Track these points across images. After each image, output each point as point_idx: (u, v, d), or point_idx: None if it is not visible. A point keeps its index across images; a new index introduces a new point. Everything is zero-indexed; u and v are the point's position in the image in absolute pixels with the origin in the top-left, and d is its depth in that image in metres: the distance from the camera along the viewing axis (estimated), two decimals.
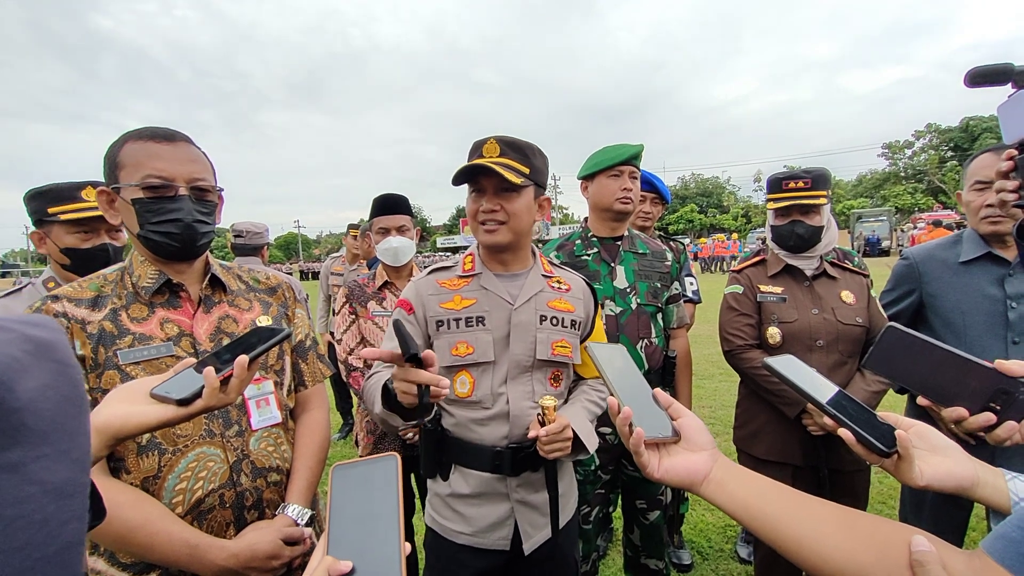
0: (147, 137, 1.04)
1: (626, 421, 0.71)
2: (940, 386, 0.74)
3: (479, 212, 1.26)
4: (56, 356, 0.32)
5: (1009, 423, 0.68)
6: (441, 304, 1.27)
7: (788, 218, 1.79)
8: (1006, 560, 0.51)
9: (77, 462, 0.31)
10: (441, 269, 1.36)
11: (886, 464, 0.70)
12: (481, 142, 1.26)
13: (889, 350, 0.79)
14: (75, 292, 1.04)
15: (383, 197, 2.28)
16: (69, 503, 0.30)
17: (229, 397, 0.80)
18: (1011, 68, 0.99)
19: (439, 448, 1.27)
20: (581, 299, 1.38)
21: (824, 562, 0.60)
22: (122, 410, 0.72)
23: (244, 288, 1.24)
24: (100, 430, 0.70)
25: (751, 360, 1.81)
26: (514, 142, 1.25)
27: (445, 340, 1.26)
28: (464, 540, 1.24)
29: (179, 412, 0.74)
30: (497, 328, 1.26)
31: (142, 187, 1.01)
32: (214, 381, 0.77)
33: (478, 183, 1.25)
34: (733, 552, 2.61)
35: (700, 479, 0.69)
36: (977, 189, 1.63)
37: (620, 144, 1.86)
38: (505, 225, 1.24)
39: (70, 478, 0.30)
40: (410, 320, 1.27)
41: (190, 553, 0.96)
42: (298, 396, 1.27)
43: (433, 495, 1.31)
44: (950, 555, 0.56)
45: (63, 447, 0.30)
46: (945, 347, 0.74)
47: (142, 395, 0.75)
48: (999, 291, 1.59)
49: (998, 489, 0.67)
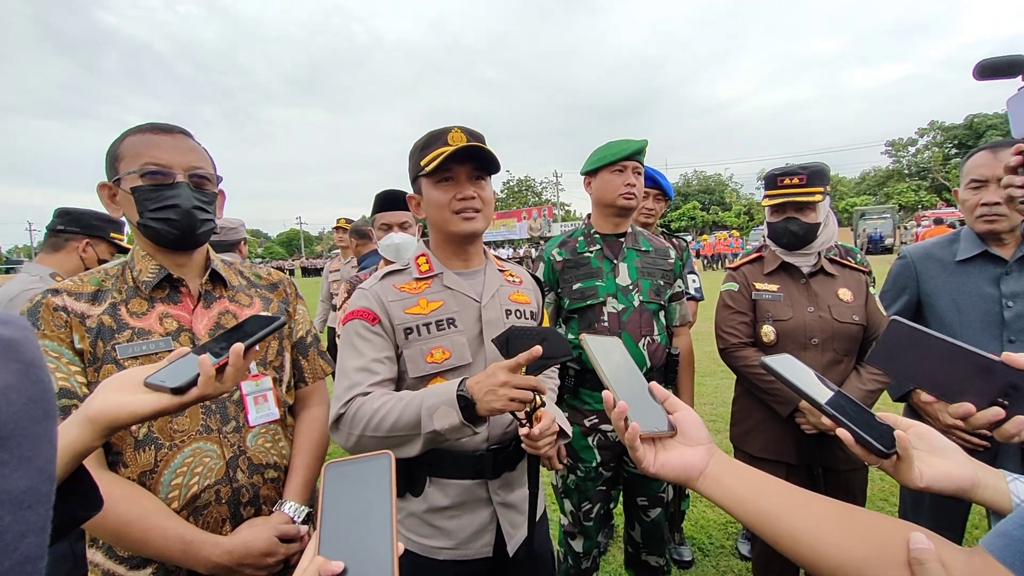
0: (147, 130, 1.06)
1: (622, 415, 0.70)
2: (946, 381, 0.72)
3: (453, 200, 1.19)
4: (22, 356, 0.30)
5: (1018, 418, 0.66)
6: (406, 310, 1.20)
7: (783, 215, 1.77)
8: (1006, 558, 0.50)
9: (40, 471, 0.29)
10: (393, 273, 1.27)
11: (885, 465, 0.69)
12: (443, 131, 1.20)
13: (893, 345, 0.76)
14: (76, 286, 1.04)
15: (385, 193, 2.29)
16: (27, 515, 0.27)
17: (225, 386, 0.79)
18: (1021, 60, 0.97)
19: (410, 464, 1.16)
20: (532, 290, 1.40)
21: (820, 558, 0.59)
22: (115, 399, 0.71)
23: (245, 284, 1.23)
24: (93, 419, 0.69)
25: (745, 358, 1.80)
26: (474, 131, 1.22)
27: (417, 348, 1.17)
28: (446, 555, 1.18)
29: (174, 401, 0.73)
30: (469, 328, 1.22)
31: (140, 174, 1.02)
32: (209, 369, 0.75)
33: (449, 170, 1.19)
34: (734, 549, 2.61)
35: (696, 474, 0.68)
36: (973, 187, 1.62)
37: (624, 139, 1.85)
38: (480, 212, 1.22)
39: (30, 487, 0.28)
40: (376, 331, 1.17)
41: (184, 549, 0.95)
42: (298, 393, 1.27)
43: (406, 514, 1.21)
44: (949, 553, 0.55)
45: (24, 454, 0.28)
46: (951, 341, 0.72)
47: (136, 384, 0.73)
48: (995, 290, 1.57)
49: (999, 491, 0.66)
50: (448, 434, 1.02)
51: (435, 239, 1.31)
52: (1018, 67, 0.97)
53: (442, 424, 1.01)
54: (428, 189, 1.23)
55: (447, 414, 1.01)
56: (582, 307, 1.80)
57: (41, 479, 0.29)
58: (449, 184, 1.20)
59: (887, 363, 0.77)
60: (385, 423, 1.05)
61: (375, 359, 1.15)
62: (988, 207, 1.56)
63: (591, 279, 1.82)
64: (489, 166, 1.22)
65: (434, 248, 1.31)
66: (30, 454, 0.28)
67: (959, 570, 0.54)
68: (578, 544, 1.91)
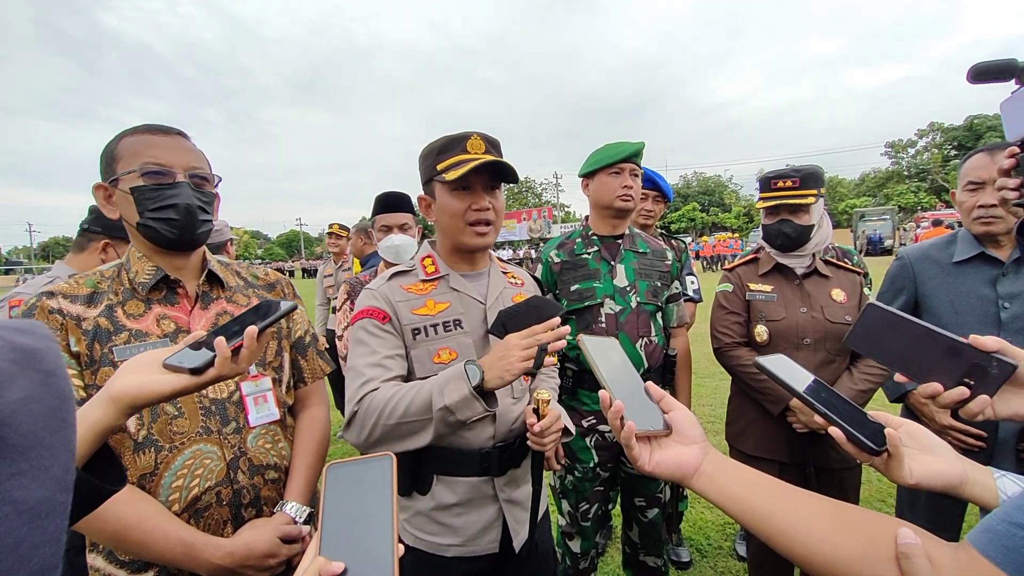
0: (143, 131, 1.05)
1: (617, 414, 0.71)
2: (917, 362, 0.75)
3: (469, 211, 1.19)
4: (43, 366, 0.30)
5: (982, 397, 0.69)
6: (414, 310, 1.21)
7: (777, 217, 1.80)
8: (990, 553, 0.51)
9: (57, 480, 0.29)
10: (401, 274, 1.28)
11: (876, 463, 0.70)
12: (462, 137, 1.20)
13: (869, 327, 0.80)
14: (71, 288, 1.03)
15: (385, 195, 2.29)
16: (44, 524, 0.27)
17: (240, 367, 0.81)
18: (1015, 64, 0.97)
19: (418, 462, 1.19)
20: (533, 292, 1.42)
21: (812, 554, 0.60)
22: (137, 379, 0.73)
23: (243, 284, 1.24)
24: (116, 399, 0.72)
25: (738, 358, 1.84)
26: (493, 139, 1.23)
27: (424, 348, 1.19)
28: (454, 552, 1.20)
29: (192, 380, 0.76)
30: (474, 329, 1.24)
31: (140, 174, 1.01)
32: (225, 350, 0.78)
33: (466, 180, 1.17)
34: (732, 550, 2.61)
35: (691, 472, 0.69)
36: (970, 190, 1.63)
37: (621, 141, 1.86)
38: (492, 225, 1.23)
39: (47, 497, 0.28)
40: (387, 329, 1.18)
41: (186, 551, 0.95)
42: (297, 393, 1.27)
43: (413, 513, 1.22)
44: (936, 548, 0.56)
45: (42, 463, 0.28)
46: (922, 323, 0.75)
47: (155, 365, 0.76)
48: (991, 291, 1.58)
49: (986, 487, 0.68)
50: (458, 410, 1.02)
51: (443, 243, 1.32)
52: (1011, 71, 0.98)
53: (451, 398, 1.01)
54: (443, 195, 1.22)
55: (456, 387, 1.02)
56: (580, 308, 1.81)
57: (58, 489, 0.29)
58: (466, 193, 1.20)
59: (863, 344, 0.81)
60: (397, 411, 1.06)
61: (387, 356, 1.17)
62: (985, 209, 1.57)
63: (589, 280, 1.83)
64: (507, 177, 1.22)
65: (440, 250, 1.32)
66: (48, 464, 0.28)
67: (946, 565, 0.55)
68: (576, 545, 1.92)
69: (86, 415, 0.70)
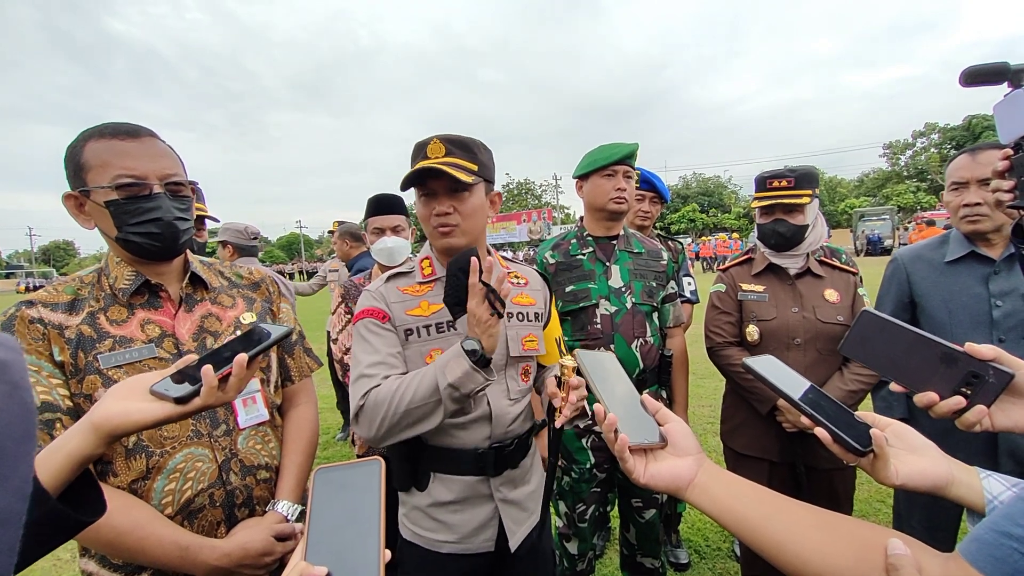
0: (110, 135, 0.98)
1: (611, 427, 0.72)
2: (912, 370, 0.74)
3: (431, 216, 1.21)
4: (9, 377, 0.30)
5: (979, 407, 0.68)
6: (408, 311, 1.22)
7: (771, 217, 1.81)
8: (979, 563, 0.51)
9: (15, 491, 0.29)
10: (399, 275, 1.30)
11: (862, 463, 0.70)
12: (424, 143, 1.21)
13: (864, 334, 0.79)
14: (50, 296, 1.01)
15: (377, 197, 2.28)
16: (0, 533, 0.27)
17: (228, 396, 0.79)
18: (1007, 67, 0.98)
19: (415, 458, 1.23)
20: (540, 290, 1.40)
21: (804, 564, 0.60)
22: (121, 407, 0.72)
23: (227, 284, 1.23)
24: (98, 426, 0.70)
25: (729, 357, 1.85)
26: (459, 139, 1.21)
27: (416, 349, 1.21)
28: (449, 548, 1.22)
29: (177, 410, 0.74)
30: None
31: (114, 188, 0.97)
32: (212, 380, 0.76)
33: (427, 186, 1.20)
34: (730, 551, 2.61)
35: (685, 484, 0.69)
36: (954, 190, 1.65)
37: (614, 143, 1.86)
38: (459, 227, 1.21)
39: (5, 506, 0.28)
40: (387, 328, 1.20)
41: (181, 555, 0.95)
42: (285, 391, 1.27)
43: (411, 508, 1.25)
44: (926, 558, 0.56)
45: (3, 472, 0.28)
46: (917, 331, 0.74)
47: (142, 391, 0.74)
48: (984, 289, 1.59)
49: (972, 488, 0.68)
50: (463, 385, 1.04)
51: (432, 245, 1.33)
52: (1003, 74, 0.98)
53: (454, 374, 1.03)
54: (416, 202, 1.25)
55: (457, 364, 1.04)
56: (575, 309, 1.81)
57: (16, 499, 0.29)
58: (429, 199, 1.21)
59: (858, 351, 0.80)
60: (404, 399, 1.07)
61: (389, 353, 1.18)
62: (970, 208, 1.59)
63: (584, 281, 1.83)
64: (456, 181, 1.16)
65: (434, 252, 1.33)
66: (8, 474, 0.28)
67: (936, 575, 0.54)
68: (573, 546, 1.92)
69: (65, 443, 0.69)
